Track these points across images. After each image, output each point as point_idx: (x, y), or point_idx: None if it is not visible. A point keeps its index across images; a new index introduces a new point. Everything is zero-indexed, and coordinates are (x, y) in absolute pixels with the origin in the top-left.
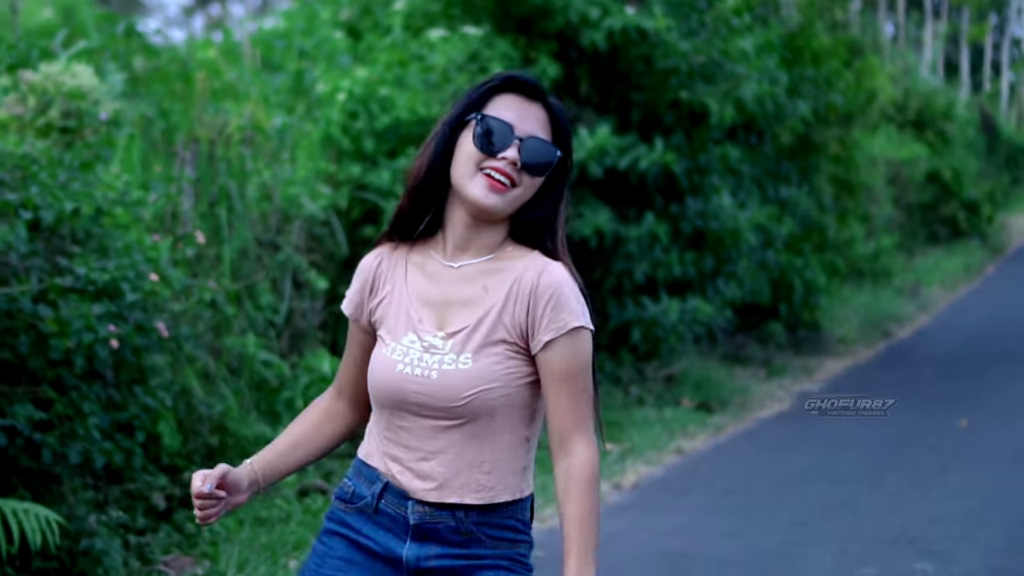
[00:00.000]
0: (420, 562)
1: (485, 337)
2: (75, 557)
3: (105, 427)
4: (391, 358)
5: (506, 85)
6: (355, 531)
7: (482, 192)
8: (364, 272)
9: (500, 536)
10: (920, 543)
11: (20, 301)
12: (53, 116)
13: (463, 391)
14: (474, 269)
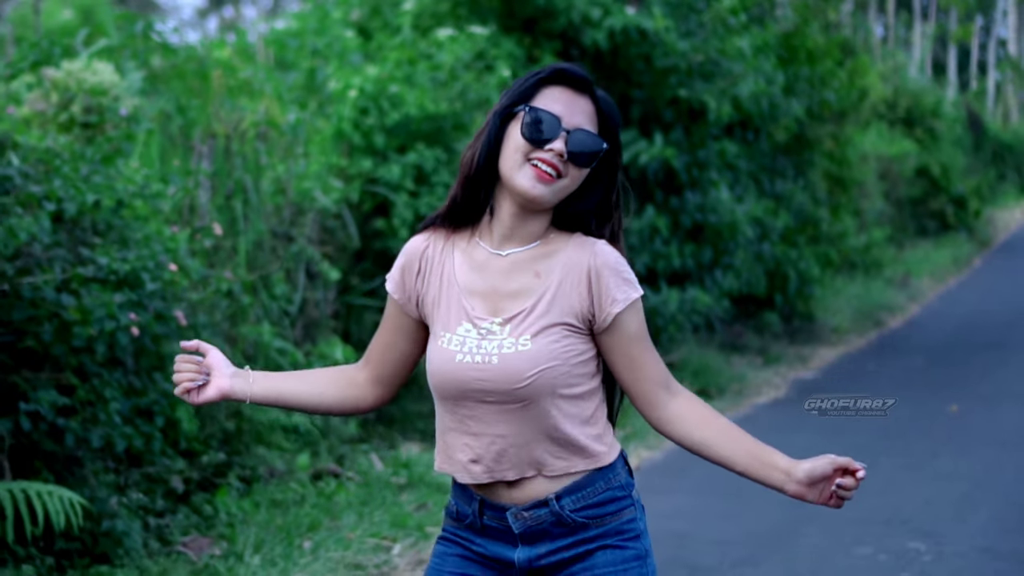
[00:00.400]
0: (532, 563)
1: (541, 319)
2: (97, 538)
3: (126, 412)
4: (449, 349)
5: (555, 77)
6: (468, 541)
7: (530, 183)
8: (410, 254)
9: (602, 513)
10: (913, 524)
11: (44, 290)
12: (75, 112)
13: (526, 372)
14: (523, 256)
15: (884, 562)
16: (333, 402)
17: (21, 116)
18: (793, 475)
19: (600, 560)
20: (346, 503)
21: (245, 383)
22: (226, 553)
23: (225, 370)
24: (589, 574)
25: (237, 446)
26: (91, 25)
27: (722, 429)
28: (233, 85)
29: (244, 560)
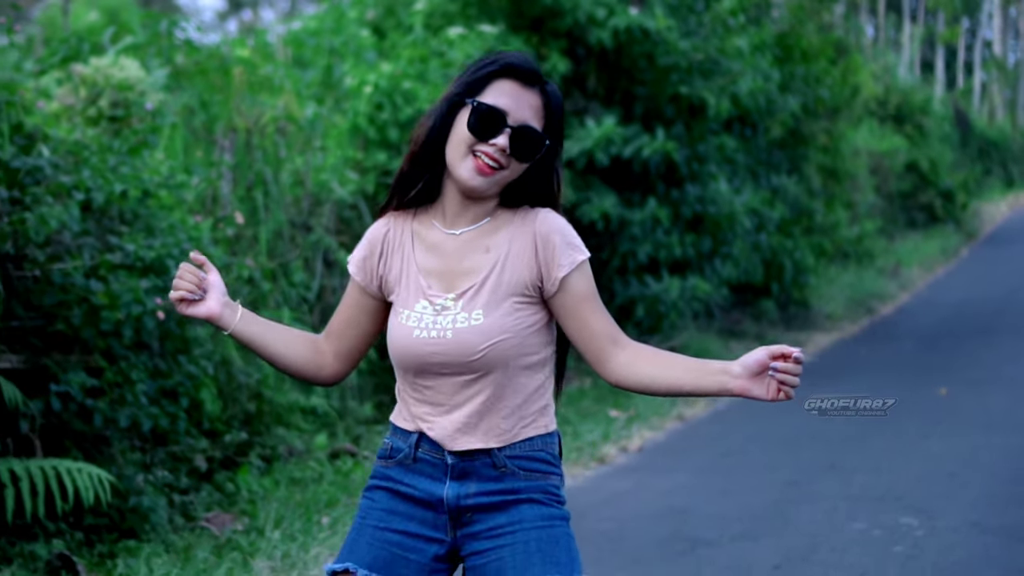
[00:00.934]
0: (460, 500)
1: (492, 292)
2: (124, 514)
3: (152, 394)
4: (407, 325)
5: (505, 71)
6: (396, 482)
7: (469, 174)
8: (372, 239)
9: (532, 468)
10: (905, 500)
11: (73, 276)
12: (103, 106)
13: (479, 345)
14: (474, 234)
15: (878, 537)
16: (298, 362)
17: (51, 110)
18: (731, 371)
19: (528, 513)
20: (362, 480)
21: (233, 315)
22: (248, 528)
23: (219, 295)
24: (517, 526)
25: (258, 426)
26: (116, 26)
27: (664, 360)
28: (254, 82)
29: (265, 535)
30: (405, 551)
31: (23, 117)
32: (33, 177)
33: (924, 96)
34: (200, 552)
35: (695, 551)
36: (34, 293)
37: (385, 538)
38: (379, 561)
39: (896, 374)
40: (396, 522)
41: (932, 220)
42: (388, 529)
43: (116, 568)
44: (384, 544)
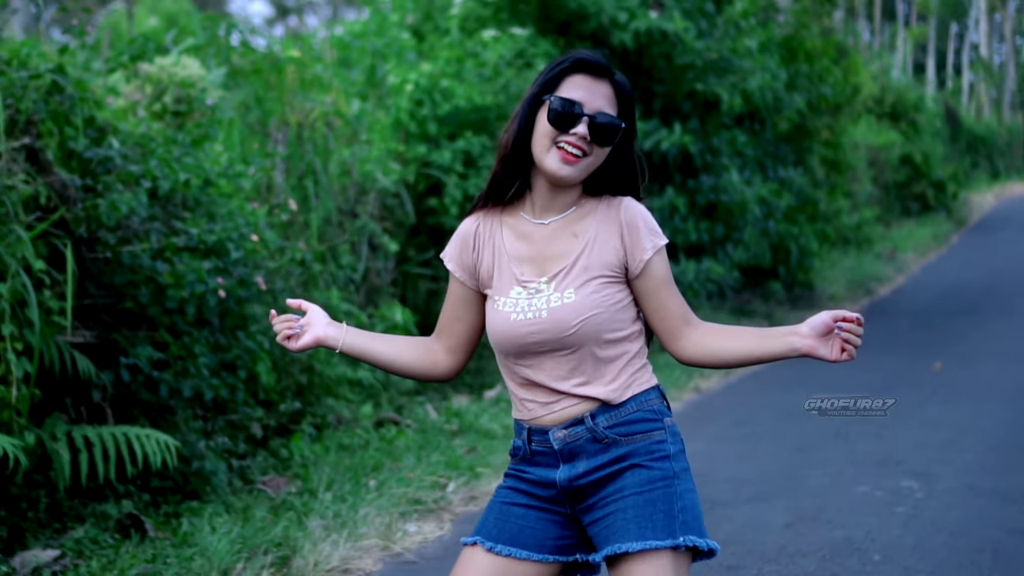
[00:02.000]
0: (572, 481)
1: (581, 273)
2: (187, 477)
3: (212, 366)
4: (503, 311)
5: (576, 66)
6: (520, 471)
7: (557, 165)
8: (464, 234)
9: (632, 432)
10: (905, 465)
11: (141, 258)
12: (167, 102)
13: (572, 321)
14: (562, 223)
15: (881, 498)
16: (410, 365)
17: (119, 106)
18: (799, 332)
19: (629, 480)
20: (405, 447)
21: (339, 333)
22: (301, 490)
23: (321, 320)
24: (619, 494)
25: (309, 397)
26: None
27: (732, 332)
28: (304, 80)
29: (317, 496)
30: (530, 522)
31: (95, 112)
32: (104, 167)
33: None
34: (258, 512)
35: (713, 511)
36: (105, 273)
37: (511, 512)
38: (505, 534)
39: (893, 350)
40: (520, 499)
41: (925, 209)
42: (513, 504)
43: (181, 527)
44: (510, 518)
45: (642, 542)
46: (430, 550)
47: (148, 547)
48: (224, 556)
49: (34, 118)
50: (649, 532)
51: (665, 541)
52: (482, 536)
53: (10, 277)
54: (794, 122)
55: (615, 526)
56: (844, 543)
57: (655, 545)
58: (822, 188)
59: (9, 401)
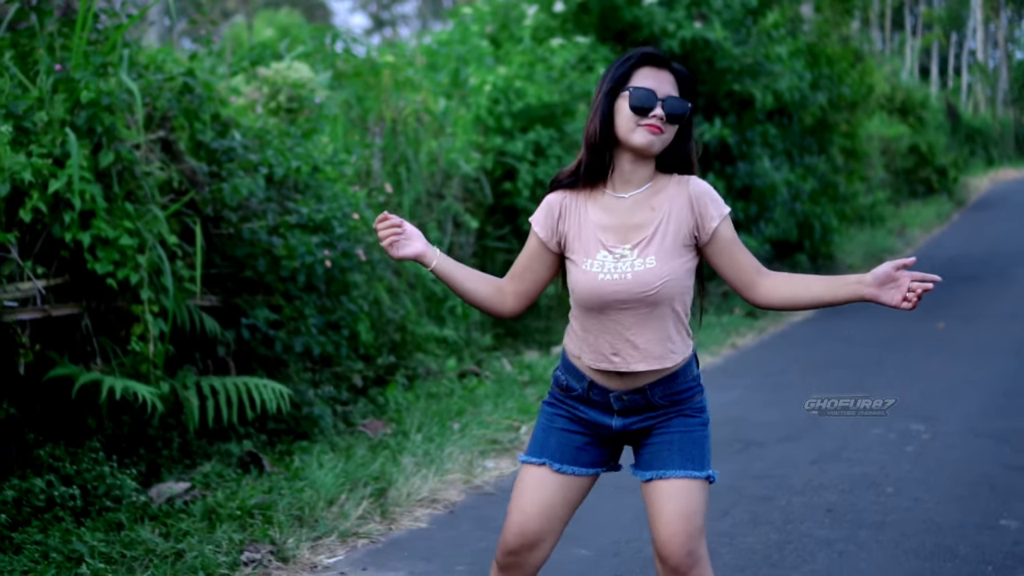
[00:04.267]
0: (626, 428)
1: (661, 242)
2: (298, 421)
3: (320, 326)
4: (591, 271)
5: (642, 60)
6: (573, 408)
7: (646, 139)
8: (552, 203)
9: (679, 399)
10: (914, 410)
11: (259, 233)
12: (281, 100)
13: (654, 283)
14: (640, 196)
15: (893, 439)
16: (483, 298)
17: (240, 104)
18: (864, 280)
19: (675, 423)
20: (484, 395)
21: (433, 254)
22: (395, 432)
23: (421, 237)
24: (665, 431)
25: (402, 352)
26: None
27: (801, 280)
28: (398, 82)
29: (409, 437)
30: (585, 447)
31: (220, 109)
32: (228, 156)
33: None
34: (359, 450)
35: (748, 450)
36: (228, 247)
37: (570, 440)
38: (567, 456)
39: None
40: (578, 428)
41: (929, 191)
42: (572, 432)
43: (293, 463)
44: (569, 445)
45: (684, 470)
46: (506, 483)
47: (265, 480)
48: (330, 488)
49: (168, 114)
50: (689, 463)
51: (702, 472)
52: (549, 458)
53: (148, 250)
54: (817, 117)
55: (661, 455)
56: (861, 478)
57: (694, 475)
58: (841, 173)
59: (147, 355)
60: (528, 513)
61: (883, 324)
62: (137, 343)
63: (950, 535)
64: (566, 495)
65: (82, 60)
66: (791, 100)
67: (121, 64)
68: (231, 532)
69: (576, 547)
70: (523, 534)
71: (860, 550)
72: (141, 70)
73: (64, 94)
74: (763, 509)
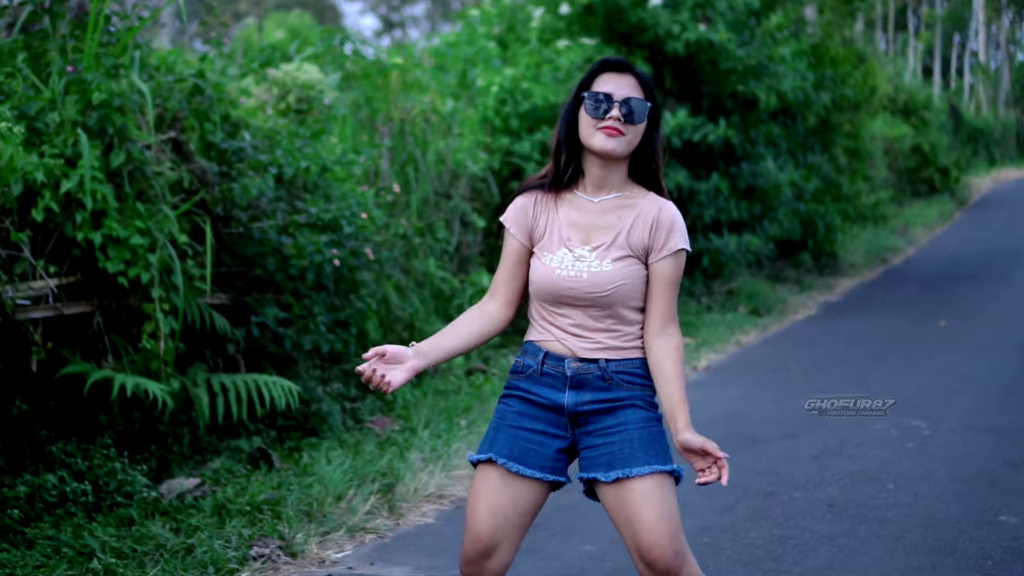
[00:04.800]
0: (577, 406)
1: (619, 249)
2: (307, 417)
3: (328, 324)
4: (550, 266)
5: (603, 67)
6: (525, 391)
7: (602, 141)
8: (523, 204)
9: (632, 381)
10: (915, 407)
11: (268, 233)
12: (290, 101)
13: (607, 285)
14: (610, 203)
15: (894, 435)
16: (480, 339)
17: (250, 105)
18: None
19: (631, 416)
20: (491, 392)
21: (423, 358)
22: (403, 429)
23: (406, 354)
24: (621, 427)
25: None
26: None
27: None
28: (406, 83)
29: (417, 434)
30: (535, 444)
31: (230, 110)
32: (238, 156)
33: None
34: (367, 447)
35: (751, 446)
36: (238, 246)
37: (519, 435)
38: (515, 452)
39: (904, 309)
40: (527, 422)
41: (932, 191)
42: (521, 428)
43: (302, 459)
44: (519, 439)
45: (649, 466)
46: None
47: (274, 476)
48: (338, 483)
49: (179, 115)
50: (654, 459)
51: (666, 466)
52: (495, 453)
53: (159, 248)
54: (821, 117)
55: (623, 452)
56: (862, 473)
57: (659, 468)
58: (844, 173)
59: (158, 353)
60: (479, 515)
61: (885, 323)
62: (148, 341)
63: (950, 530)
64: (515, 497)
65: (94, 62)
66: (795, 101)
67: (132, 66)
68: (240, 527)
69: (580, 542)
70: (476, 539)
71: (861, 545)
72: (152, 71)
73: (76, 95)
74: (765, 505)
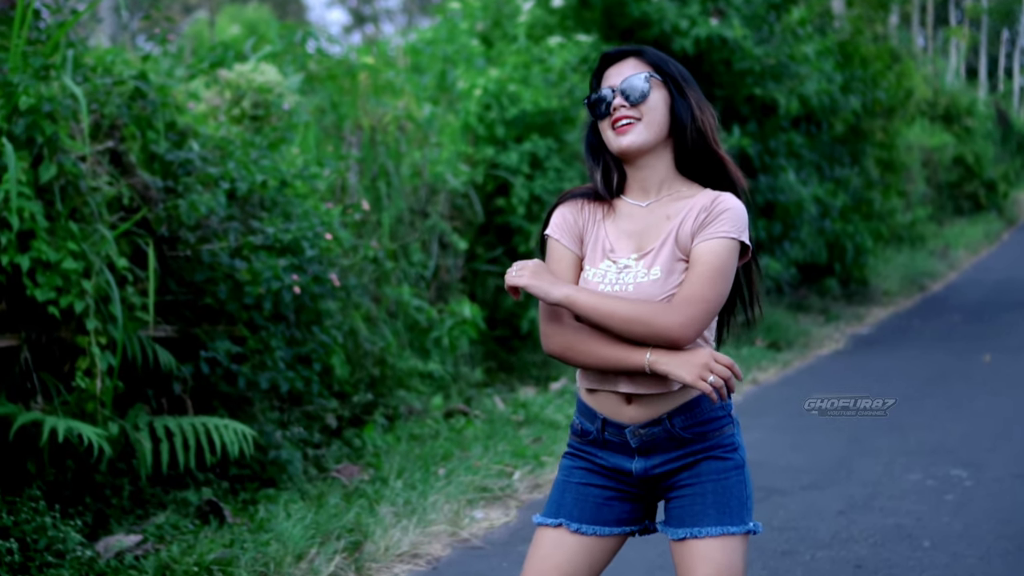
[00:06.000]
0: (648, 472)
1: (668, 254)
2: (264, 465)
3: (288, 359)
4: (592, 281)
5: (603, 63)
6: (591, 455)
7: (616, 139)
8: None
9: (706, 430)
10: (955, 454)
11: (220, 256)
12: (245, 106)
13: (656, 296)
14: (658, 204)
15: (931, 487)
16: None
17: (200, 111)
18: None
19: (705, 468)
20: (473, 437)
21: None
22: (373, 478)
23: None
24: (695, 480)
25: (382, 389)
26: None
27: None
28: (377, 85)
29: (389, 484)
30: (606, 501)
31: (176, 116)
32: (185, 168)
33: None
34: (331, 499)
35: (770, 499)
36: (186, 270)
37: (588, 493)
38: (587, 514)
39: (945, 343)
40: (596, 480)
41: (976, 208)
42: (590, 485)
43: (258, 513)
44: (588, 499)
45: (721, 527)
46: (496, 536)
47: (226, 532)
48: (299, 541)
49: (118, 122)
50: (726, 518)
51: (740, 527)
52: (566, 518)
53: (95, 274)
54: (849, 124)
55: (694, 509)
56: (895, 530)
57: (732, 531)
58: (877, 188)
59: (94, 393)
60: None
61: (922, 358)
62: (82, 379)
63: None
64: (589, 559)
65: (21, 62)
66: (819, 105)
67: (65, 66)
68: None
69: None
70: None
71: None
72: (88, 73)
73: (0, 100)
74: (785, 565)
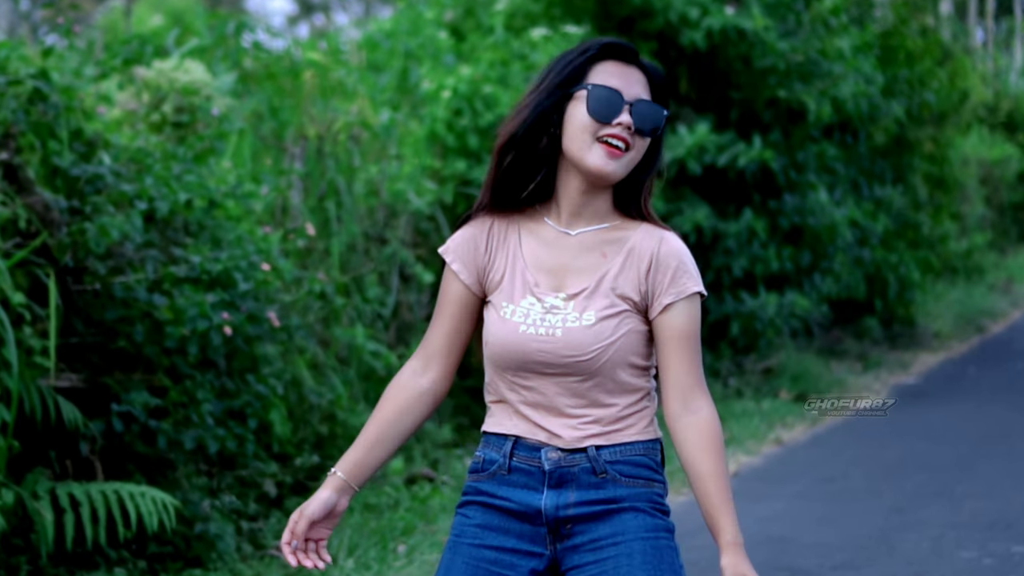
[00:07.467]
0: (559, 511)
1: (605, 297)
2: (189, 541)
3: (218, 414)
4: (512, 320)
5: (603, 52)
6: (489, 495)
7: (602, 161)
8: (474, 232)
9: (634, 475)
10: (1017, 528)
11: (136, 290)
12: (166, 111)
13: (589, 346)
14: (591, 236)
15: (988, 566)
16: (415, 427)
17: (112, 116)
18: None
19: (631, 523)
20: (440, 507)
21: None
22: None
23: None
24: (621, 537)
25: (330, 449)
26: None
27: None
28: (326, 86)
29: (338, 564)
30: (502, 568)
31: (83, 123)
32: (93, 186)
33: None
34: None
35: None
36: (94, 308)
37: (481, 555)
38: None
39: (1007, 395)
40: (491, 538)
41: None
42: (483, 546)
43: None
44: (480, 562)
45: None
46: None
47: None
48: None
49: (13, 130)
50: None
51: None
52: None
53: None
54: (892, 133)
55: (620, 572)
56: None
57: None
58: (925, 209)
59: None
60: None
61: (979, 413)
62: None
63: None
64: None
65: None
66: (856, 111)
67: None
68: None
69: None
70: None
71: None
72: None
73: None
74: None
